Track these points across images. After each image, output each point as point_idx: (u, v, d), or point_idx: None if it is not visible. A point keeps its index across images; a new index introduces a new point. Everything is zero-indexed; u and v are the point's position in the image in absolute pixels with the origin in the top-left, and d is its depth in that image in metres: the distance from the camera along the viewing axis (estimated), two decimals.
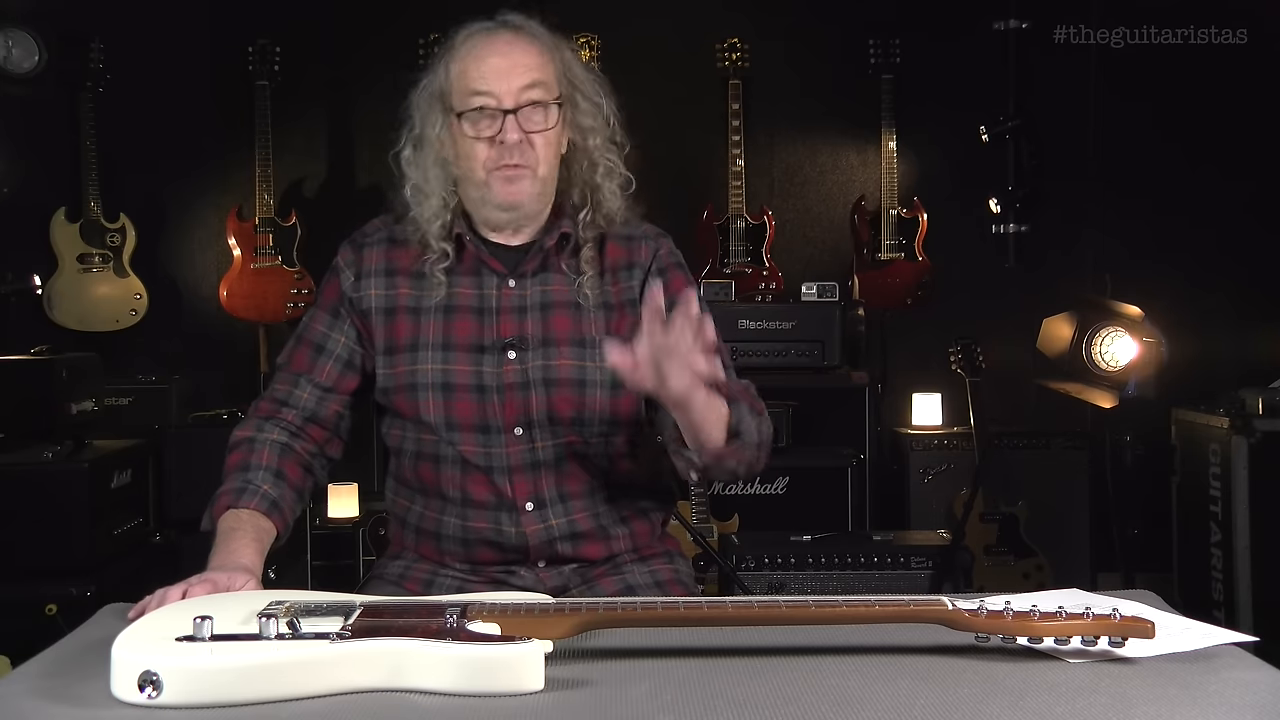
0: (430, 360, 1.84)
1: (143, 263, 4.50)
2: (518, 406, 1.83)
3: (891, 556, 3.25)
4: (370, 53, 4.60)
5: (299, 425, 1.87)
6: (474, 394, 1.83)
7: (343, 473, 4.09)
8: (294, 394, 1.88)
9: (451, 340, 1.84)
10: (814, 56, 4.73)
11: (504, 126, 1.77)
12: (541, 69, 1.80)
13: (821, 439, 4.02)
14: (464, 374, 1.83)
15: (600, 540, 1.89)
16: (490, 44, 1.80)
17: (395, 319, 1.86)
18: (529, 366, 1.83)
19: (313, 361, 1.88)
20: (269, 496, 1.77)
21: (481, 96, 1.78)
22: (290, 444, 1.85)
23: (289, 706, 1.22)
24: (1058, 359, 3.95)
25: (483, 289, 1.86)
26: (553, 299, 1.87)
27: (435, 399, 1.83)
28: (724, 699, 1.23)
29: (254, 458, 1.81)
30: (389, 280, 1.88)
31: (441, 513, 1.88)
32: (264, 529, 1.74)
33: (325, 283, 1.93)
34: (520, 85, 1.78)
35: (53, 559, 2.97)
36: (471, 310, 1.85)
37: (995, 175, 4.55)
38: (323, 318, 1.90)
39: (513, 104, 1.77)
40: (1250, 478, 3.74)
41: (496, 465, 1.83)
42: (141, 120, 4.52)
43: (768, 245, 4.57)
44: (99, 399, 3.37)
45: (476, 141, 1.79)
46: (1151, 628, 1.33)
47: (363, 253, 1.90)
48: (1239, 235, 4.48)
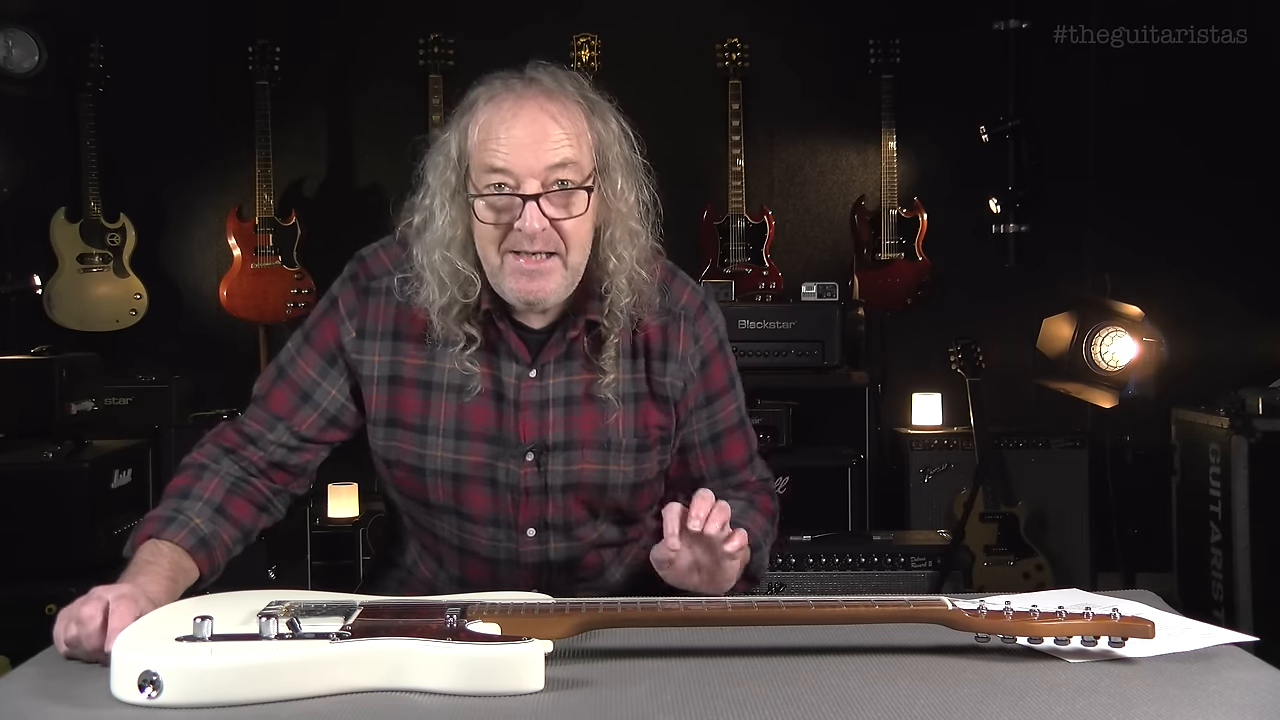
0: (441, 447, 1.68)
1: (143, 263, 4.50)
2: (534, 510, 1.70)
3: (891, 556, 3.25)
4: (370, 53, 4.61)
5: (262, 468, 1.71)
6: (487, 487, 1.69)
7: (343, 473, 4.09)
8: (265, 437, 1.70)
9: (465, 428, 1.68)
10: (814, 56, 4.73)
11: (524, 213, 1.55)
12: (573, 145, 1.57)
13: (821, 439, 4.02)
14: (477, 465, 1.68)
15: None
16: (516, 114, 1.56)
17: (400, 390, 1.68)
18: (548, 470, 1.68)
19: (295, 408, 1.70)
20: (199, 532, 1.58)
21: (500, 175, 1.56)
22: (244, 480, 1.69)
23: (289, 706, 1.22)
24: (1058, 359, 3.95)
25: (501, 374, 1.68)
26: (577, 392, 1.69)
27: (445, 485, 1.69)
28: (724, 699, 1.23)
29: (198, 486, 1.64)
30: (396, 345, 1.69)
31: (435, 575, 1.81)
32: (183, 568, 1.55)
33: (322, 318, 1.72)
34: (547, 165, 1.56)
35: (53, 559, 2.97)
36: (489, 396, 1.67)
37: (995, 175, 4.55)
38: (314, 360, 1.71)
39: (536, 188, 1.55)
40: (1250, 478, 3.74)
41: (504, 559, 1.73)
42: (141, 120, 4.52)
43: (768, 245, 4.57)
44: (99, 399, 3.37)
45: (494, 226, 1.58)
46: (1151, 628, 1.33)
47: (368, 304, 1.69)
48: (1239, 235, 4.47)
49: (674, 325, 1.73)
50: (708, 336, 1.76)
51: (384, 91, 4.61)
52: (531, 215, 1.55)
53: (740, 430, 1.82)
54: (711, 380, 1.77)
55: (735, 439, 1.81)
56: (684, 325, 1.74)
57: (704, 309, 1.77)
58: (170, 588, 1.50)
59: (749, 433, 1.84)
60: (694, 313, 1.76)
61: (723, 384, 1.79)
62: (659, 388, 1.72)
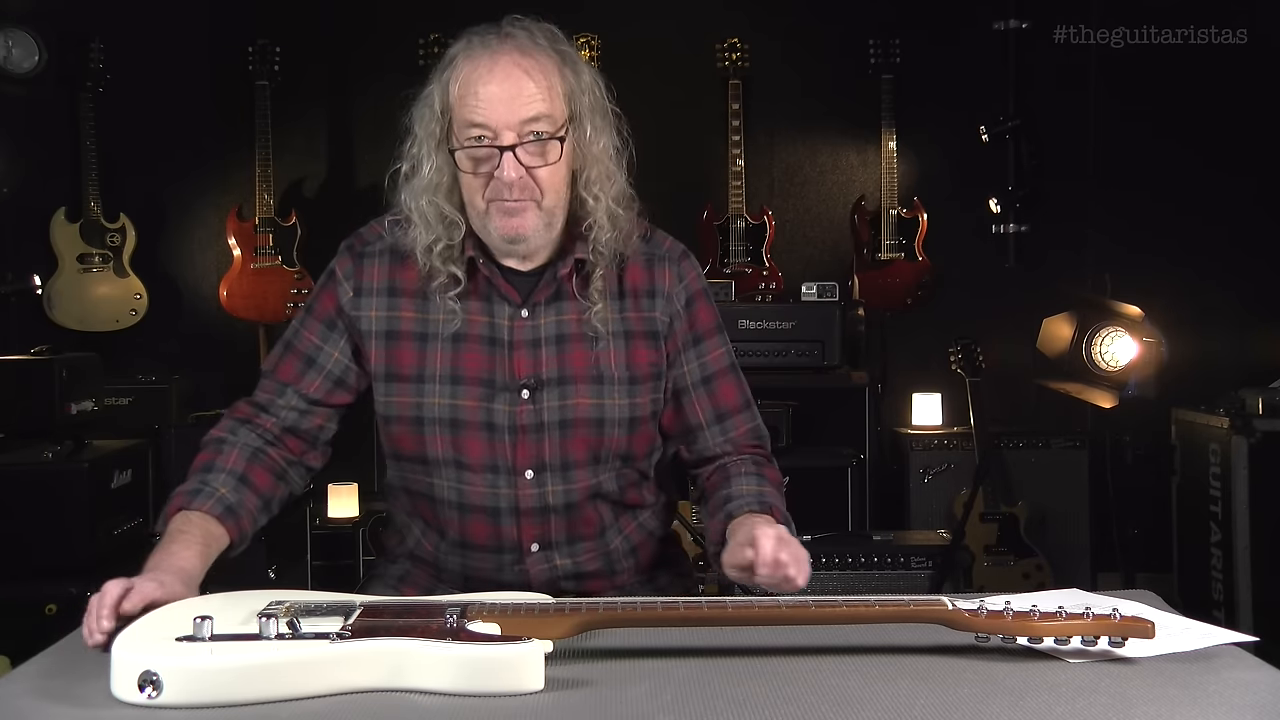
0: (438, 394, 1.74)
1: (143, 263, 4.50)
2: (531, 449, 1.75)
3: (891, 556, 3.25)
4: (370, 53, 4.61)
5: (276, 434, 1.78)
6: (484, 431, 1.74)
7: (343, 473, 4.09)
8: (276, 403, 1.78)
9: (460, 373, 1.74)
10: (814, 56, 4.73)
11: (502, 163, 1.66)
12: (546, 98, 1.67)
13: (821, 439, 4.02)
14: (473, 410, 1.74)
15: (605, 577, 1.85)
16: (491, 69, 1.66)
17: (398, 345, 1.76)
18: (544, 408, 1.74)
19: (301, 373, 1.78)
20: (225, 501, 1.67)
21: (479, 129, 1.66)
22: (263, 450, 1.76)
23: (289, 706, 1.22)
24: (1058, 359, 3.95)
25: (494, 318, 1.76)
26: (568, 331, 1.76)
27: (443, 435, 1.74)
28: (724, 699, 1.23)
29: (219, 459, 1.72)
30: (391, 301, 1.77)
31: (439, 546, 1.83)
32: (214, 534, 1.64)
33: (320, 289, 1.81)
34: (522, 119, 1.65)
35: (53, 559, 2.97)
36: (482, 340, 1.75)
37: (995, 175, 4.56)
38: (315, 327, 1.79)
39: (512, 139, 1.65)
40: (1250, 478, 3.74)
41: (504, 507, 1.76)
42: (141, 120, 4.52)
43: (768, 245, 4.57)
44: (99, 399, 3.37)
45: (475, 176, 1.69)
46: (1151, 628, 1.33)
47: (363, 265, 1.78)
48: (1239, 235, 4.47)
49: (659, 265, 1.83)
50: (692, 278, 1.85)
51: (384, 91, 4.59)
52: (508, 165, 1.66)
53: (733, 374, 1.87)
54: (698, 320, 1.84)
55: (728, 382, 1.86)
56: (668, 265, 1.83)
57: (686, 255, 1.87)
58: (203, 552, 1.59)
59: (742, 381, 1.88)
60: (677, 255, 1.85)
61: (709, 327, 1.85)
62: (648, 323, 1.80)
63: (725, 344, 1.87)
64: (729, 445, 1.85)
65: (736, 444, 1.86)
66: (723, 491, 1.80)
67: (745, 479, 1.79)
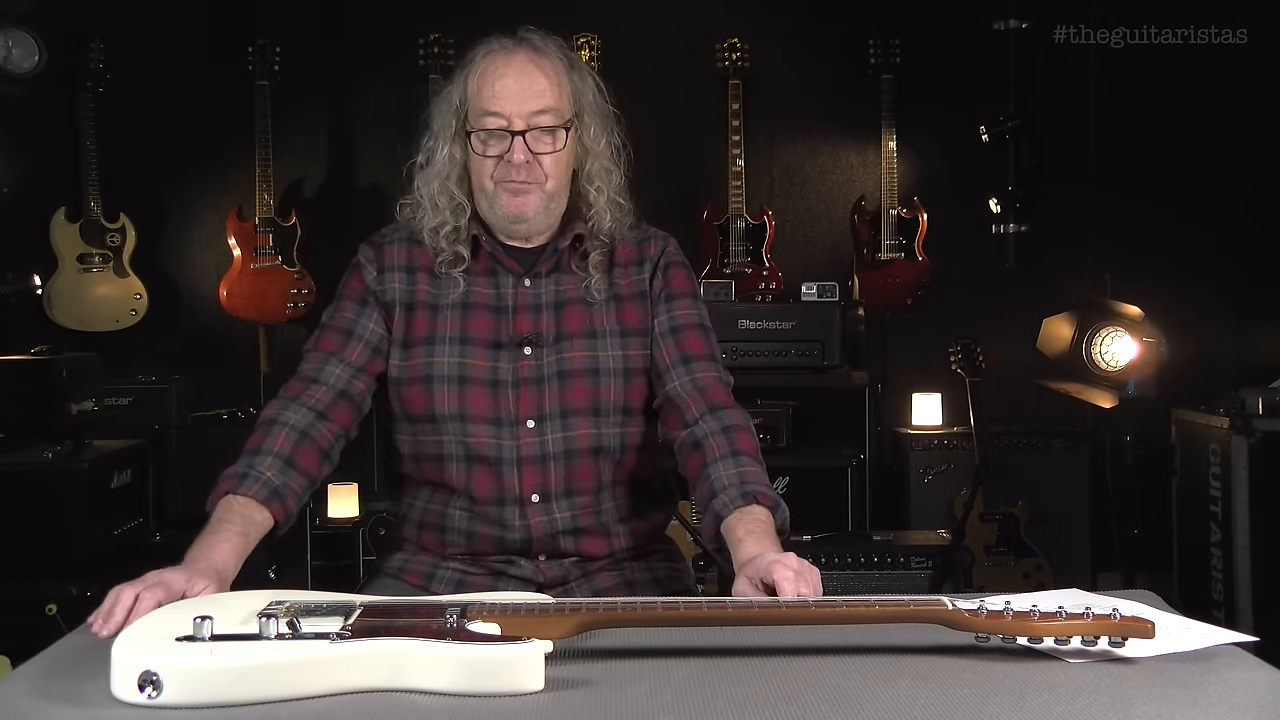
0: (447, 354, 1.90)
1: (143, 263, 4.50)
2: (532, 400, 1.89)
3: (891, 556, 3.25)
4: (370, 53, 4.61)
5: (328, 404, 1.87)
6: (489, 388, 1.89)
7: (342, 473, 4.07)
8: (325, 370, 1.89)
9: (469, 335, 1.91)
10: (814, 56, 4.73)
11: (512, 147, 1.84)
12: (554, 93, 1.86)
13: (821, 439, 4.02)
14: (479, 368, 1.89)
15: (601, 537, 1.93)
16: (507, 65, 1.86)
17: (414, 314, 1.92)
18: (544, 361, 1.90)
19: (343, 343, 1.91)
20: (270, 484, 1.75)
21: (493, 117, 1.84)
22: (310, 430, 1.84)
23: (289, 706, 1.22)
24: (1058, 359, 3.95)
25: (499, 288, 1.93)
26: (566, 296, 1.94)
27: (450, 391, 1.88)
28: (724, 699, 1.23)
29: (268, 441, 1.81)
30: (409, 276, 1.93)
31: (446, 505, 1.92)
32: (255, 521, 1.72)
33: (348, 277, 1.96)
34: (532, 109, 1.84)
35: (53, 559, 2.97)
36: (489, 308, 1.92)
37: (995, 175, 4.56)
38: (350, 306, 1.93)
39: (522, 126, 1.84)
40: (1250, 478, 3.74)
41: (506, 457, 1.87)
42: (141, 120, 4.52)
43: (768, 245, 4.57)
44: (99, 399, 3.37)
45: (486, 158, 1.87)
46: (1151, 628, 1.33)
47: (383, 250, 1.96)
48: (1239, 235, 4.48)
49: (646, 241, 2.01)
50: (673, 250, 2.02)
51: (384, 91, 4.61)
52: (518, 148, 1.85)
53: (700, 331, 1.97)
54: (672, 282, 1.98)
55: (694, 335, 1.96)
56: (654, 241, 2.01)
57: (670, 238, 2.03)
58: (240, 544, 1.67)
59: (710, 340, 1.98)
60: (661, 236, 2.03)
61: (683, 290, 1.98)
62: (637, 285, 1.97)
63: (697, 308, 1.99)
64: (693, 388, 1.90)
65: (701, 387, 1.90)
66: (705, 485, 1.82)
67: (723, 463, 1.82)
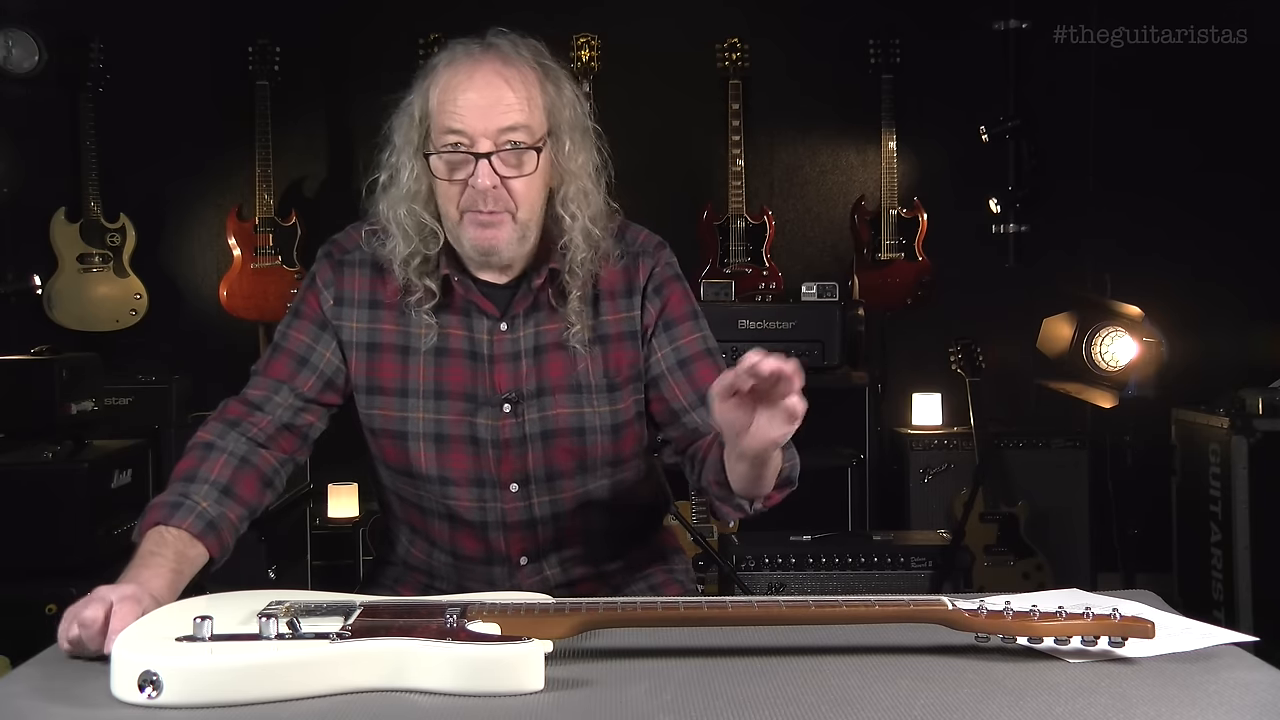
0: (422, 409, 1.74)
1: (143, 263, 4.50)
2: (514, 462, 1.75)
3: (891, 556, 3.25)
4: (370, 53, 4.60)
5: (270, 433, 1.73)
6: (469, 445, 1.74)
7: (342, 473, 4.10)
8: (271, 400, 1.74)
9: (444, 388, 1.74)
10: (814, 56, 4.73)
11: (477, 170, 1.63)
12: (525, 108, 1.65)
13: (821, 439, 4.01)
14: (458, 424, 1.74)
15: (595, 580, 1.86)
16: (470, 77, 1.65)
17: (380, 357, 1.75)
18: (526, 419, 1.74)
19: (295, 372, 1.75)
20: (205, 516, 1.59)
21: (456, 135, 1.64)
22: (251, 455, 1.69)
23: (289, 706, 1.22)
24: (1058, 359, 3.95)
25: (473, 332, 1.75)
26: (546, 340, 1.75)
27: (428, 450, 1.74)
28: (724, 699, 1.23)
29: (203, 467, 1.65)
30: (372, 313, 1.76)
31: (430, 555, 1.84)
32: (189, 557, 1.55)
33: (304, 294, 1.80)
34: (499, 127, 1.63)
35: (53, 559, 2.96)
36: (464, 355, 1.74)
37: (995, 175, 4.55)
38: (306, 328, 1.78)
39: (489, 147, 1.63)
40: (1250, 478, 3.74)
41: (491, 520, 1.77)
42: (141, 120, 4.52)
43: (768, 245, 4.57)
44: (99, 399, 3.36)
45: (450, 183, 1.66)
46: (1151, 628, 1.33)
47: (343, 274, 1.77)
48: (1239, 235, 4.48)
49: (632, 263, 1.79)
50: (663, 265, 1.81)
51: (384, 91, 4.60)
52: (483, 172, 1.63)
53: (709, 358, 1.80)
54: (670, 306, 1.79)
55: (705, 365, 1.79)
56: (642, 260, 1.80)
57: (661, 246, 1.84)
58: (174, 581, 1.50)
59: (719, 361, 1.80)
60: (651, 248, 1.82)
61: (682, 312, 1.80)
62: (627, 323, 1.78)
63: (701, 329, 1.82)
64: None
65: None
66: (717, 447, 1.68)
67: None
